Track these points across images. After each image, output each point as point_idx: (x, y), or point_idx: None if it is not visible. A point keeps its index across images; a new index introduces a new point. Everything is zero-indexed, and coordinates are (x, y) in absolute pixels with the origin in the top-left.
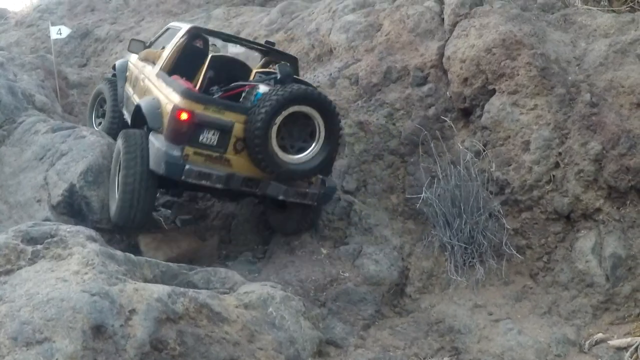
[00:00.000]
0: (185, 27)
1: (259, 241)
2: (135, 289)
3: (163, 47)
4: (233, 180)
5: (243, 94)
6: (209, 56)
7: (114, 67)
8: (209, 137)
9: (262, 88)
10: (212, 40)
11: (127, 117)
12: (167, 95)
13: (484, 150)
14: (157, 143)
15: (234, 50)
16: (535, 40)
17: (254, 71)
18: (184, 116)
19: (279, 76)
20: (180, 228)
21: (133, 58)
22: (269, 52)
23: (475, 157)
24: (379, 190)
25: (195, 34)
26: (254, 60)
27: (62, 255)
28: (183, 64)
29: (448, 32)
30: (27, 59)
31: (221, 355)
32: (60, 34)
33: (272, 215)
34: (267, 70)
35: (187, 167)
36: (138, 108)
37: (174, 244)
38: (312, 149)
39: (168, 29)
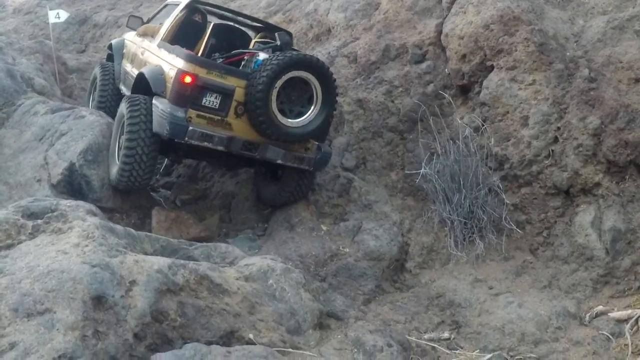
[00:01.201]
0: (184, 1)
1: (259, 219)
2: (135, 261)
3: (162, 23)
4: (234, 143)
5: (243, 62)
6: (211, 24)
7: (109, 47)
8: (211, 100)
9: (262, 55)
10: None
11: (126, 91)
12: (170, 62)
13: (483, 126)
14: (161, 106)
15: None
16: (533, 17)
17: (253, 41)
18: (188, 79)
19: (278, 43)
20: (181, 208)
21: (130, 35)
22: (265, 28)
23: (474, 133)
24: (379, 167)
25: (195, 7)
26: None
27: (62, 229)
28: (182, 37)
29: (446, 9)
30: (26, 43)
31: (222, 326)
32: (59, 17)
33: (264, 188)
34: (265, 40)
35: (190, 128)
36: (140, 76)
37: (185, 229)
38: (310, 113)
39: (167, 5)
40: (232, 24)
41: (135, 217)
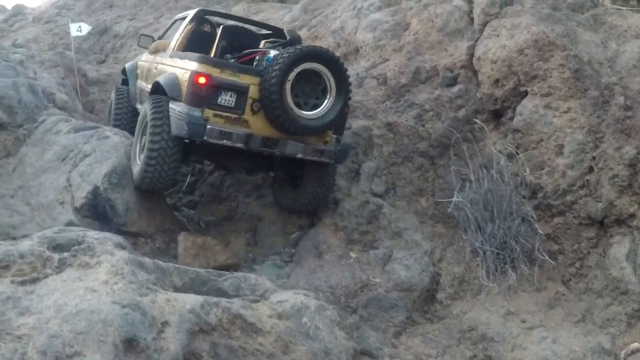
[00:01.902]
0: (192, 12)
1: (285, 243)
2: (167, 300)
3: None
4: (252, 140)
5: (255, 61)
6: (221, 26)
7: (123, 72)
8: (226, 99)
9: (272, 52)
10: None
11: (141, 107)
12: (183, 67)
13: (517, 154)
14: (177, 108)
15: None
16: (567, 41)
17: (263, 41)
18: (202, 80)
19: (287, 38)
20: (205, 230)
21: (143, 56)
22: (273, 33)
23: (507, 161)
24: (408, 193)
25: (202, 18)
26: None
27: (90, 263)
28: (193, 48)
29: (478, 31)
30: (47, 56)
31: None
32: (81, 31)
33: (282, 194)
34: (275, 40)
35: (208, 127)
36: (156, 85)
37: (212, 256)
38: (325, 104)
39: (176, 20)
40: (241, 25)
41: (159, 241)
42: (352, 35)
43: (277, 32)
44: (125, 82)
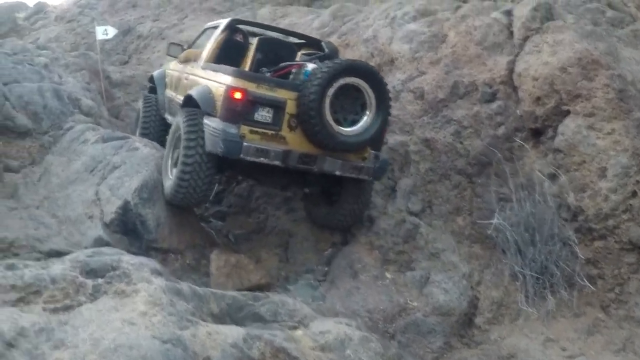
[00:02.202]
0: (224, 21)
1: (318, 261)
2: (208, 333)
3: (203, 47)
4: (290, 156)
5: (291, 75)
6: (256, 39)
7: (150, 80)
8: (263, 114)
9: (310, 66)
10: None
11: (171, 118)
12: (217, 80)
13: (558, 174)
14: (212, 124)
15: None
16: (610, 60)
17: (299, 53)
18: (238, 95)
19: (326, 51)
20: (234, 244)
21: (171, 64)
22: (307, 43)
23: (548, 181)
24: (445, 211)
25: (235, 27)
26: None
27: (126, 291)
28: (225, 58)
29: (518, 46)
30: (72, 59)
31: None
32: (107, 34)
33: (316, 210)
34: (311, 51)
35: (245, 144)
36: (188, 98)
37: (245, 276)
38: (365, 120)
39: (206, 29)
40: (277, 37)
41: (190, 257)
42: (386, 45)
43: (312, 42)
44: (152, 90)
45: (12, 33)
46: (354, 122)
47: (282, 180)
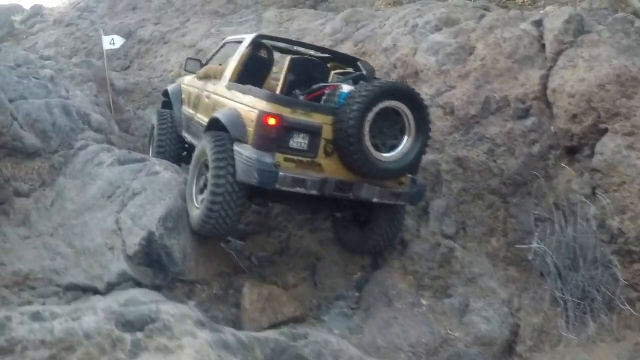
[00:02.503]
0: (249, 37)
1: (348, 286)
2: None
3: (220, 63)
4: (327, 185)
5: (324, 96)
6: (288, 58)
7: (164, 94)
8: (298, 141)
9: (346, 88)
10: None
11: (190, 138)
12: (247, 103)
13: (597, 196)
14: (245, 153)
15: None
16: None
17: (332, 73)
18: (272, 121)
19: (364, 72)
20: (257, 267)
21: (187, 80)
22: (335, 58)
23: (585, 201)
24: (479, 233)
25: (260, 43)
26: None
27: (169, 347)
28: (249, 75)
29: (551, 60)
30: (77, 70)
31: None
32: (114, 44)
33: (347, 233)
34: (344, 70)
35: (280, 174)
36: (214, 122)
37: (279, 309)
38: (404, 145)
39: (226, 43)
40: (309, 57)
41: (216, 287)
42: (410, 57)
43: (344, 59)
44: (166, 105)
45: (9, 37)
46: (392, 148)
47: (314, 205)
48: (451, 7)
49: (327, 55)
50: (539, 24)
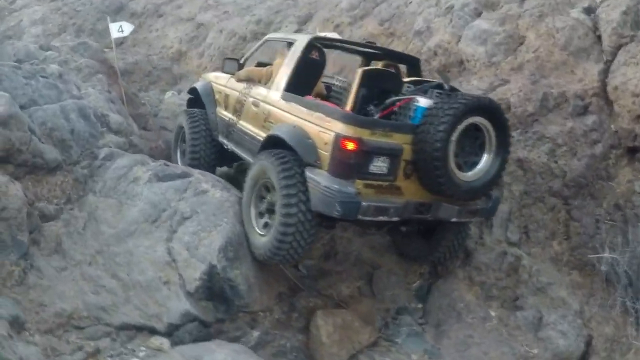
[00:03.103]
0: (303, 39)
1: (407, 297)
2: None
3: (262, 64)
4: (407, 209)
5: (396, 110)
6: (360, 71)
7: (192, 92)
8: (378, 165)
9: (422, 101)
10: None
11: (232, 145)
12: (317, 123)
13: None
14: (322, 180)
15: None
16: None
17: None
18: (351, 146)
19: (446, 86)
20: (306, 276)
21: (221, 79)
22: (386, 56)
23: None
24: (542, 238)
25: (314, 45)
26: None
27: None
28: (301, 81)
29: (609, 54)
30: (83, 60)
31: None
32: (122, 31)
33: (408, 244)
34: (413, 79)
35: (363, 204)
36: (274, 139)
37: (354, 337)
38: (485, 162)
39: (267, 40)
40: (382, 68)
41: (278, 312)
42: (453, 44)
43: (392, 56)
44: (192, 103)
45: None
46: (473, 165)
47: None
48: None
49: (376, 52)
50: (589, 10)
